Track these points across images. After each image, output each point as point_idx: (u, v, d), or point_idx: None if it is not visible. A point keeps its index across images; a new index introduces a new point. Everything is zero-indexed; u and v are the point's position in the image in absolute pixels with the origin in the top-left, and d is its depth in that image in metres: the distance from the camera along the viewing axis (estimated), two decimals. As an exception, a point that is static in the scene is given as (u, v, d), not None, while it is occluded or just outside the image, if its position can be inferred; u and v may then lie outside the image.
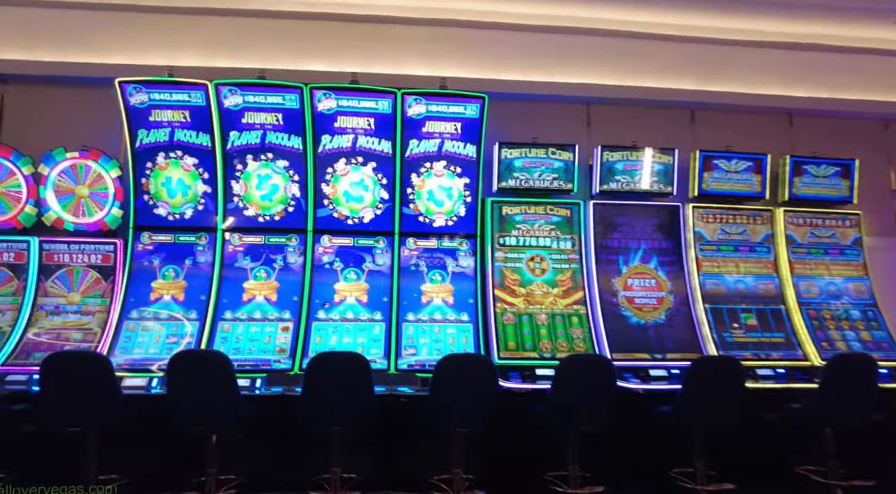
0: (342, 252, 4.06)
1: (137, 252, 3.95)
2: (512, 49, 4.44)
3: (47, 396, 2.99)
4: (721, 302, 4.20)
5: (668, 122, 4.68)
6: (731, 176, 4.43)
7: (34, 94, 4.33)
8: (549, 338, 3.89)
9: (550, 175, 4.23)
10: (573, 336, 3.93)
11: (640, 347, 3.95)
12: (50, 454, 3.28)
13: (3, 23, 4.22)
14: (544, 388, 3.46)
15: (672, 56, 4.51)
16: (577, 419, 3.19)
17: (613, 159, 4.33)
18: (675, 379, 3.71)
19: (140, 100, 3.90)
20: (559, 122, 4.56)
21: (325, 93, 3.95)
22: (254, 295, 3.89)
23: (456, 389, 3.04)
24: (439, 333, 3.89)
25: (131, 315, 3.77)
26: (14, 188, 4.01)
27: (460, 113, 4.06)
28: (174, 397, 3.03)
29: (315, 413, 3.08)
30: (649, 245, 4.29)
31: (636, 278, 4.20)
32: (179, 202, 4.03)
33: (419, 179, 4.13)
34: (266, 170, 4.04)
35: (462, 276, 4.10)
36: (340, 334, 3.81)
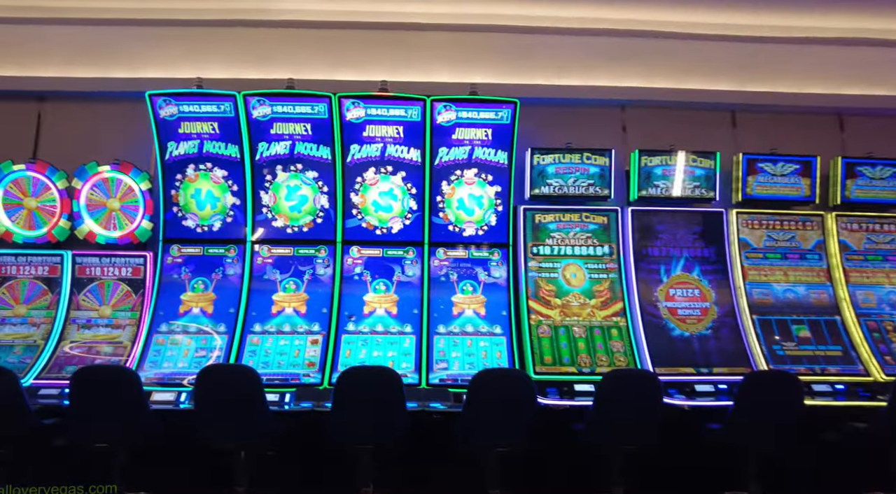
0: (371, 263, 3.97)
1: (167, 264, 3.93)
2: (543, 53, 4.32)
3: (76, 411, 2.96)
4: (769, 313, 3.96)
5: (707, 125, 4.49)
6: (778, 179, 4.20)
7: (69, 111, 4.39)
8: (587, 352, 3.71)
9: (586, 181, 4.08)
10: (613, 349, 3.74)
11: (685, 361, 3.74)
12: (79, 468, 3.25)
13: (41, 42, 4.30)
14: (584, 405, 3.29)
15: (711, 56, 4.32)
16: (621, 437, 3.00)
17: (652, 164, 4.15)
18: (723, 394, 3.49)
19: (170, 113, 3.91)
20: (593, 127, 4.41)
21: (354, 102, 3.90)
22: (283, 308, 3.82)
23: (492, 406, 2.90)
24: (471, 346, 3.75)
25: (161, 328, 3.74)
26: (49, 202, 4.05)
27: (491, 119, 3.95)
28: (202, 412, 2.96)
29: (345, 429, 2.97)
30: (691, 253, 4.08)
31: (678, 288, 3.99)
32: (208, 214, 4.01)
33: (449, 187, 4.02)
34: (295, 180, 4.00)
35: (494, 287, 3.96)
36: (370, 347, 3.71)
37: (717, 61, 4.33)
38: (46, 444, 3.23)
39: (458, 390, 3.40)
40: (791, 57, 4.35)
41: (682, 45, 4.27)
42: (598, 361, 3.68)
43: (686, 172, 4.16)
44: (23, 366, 3.62)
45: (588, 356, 3.70)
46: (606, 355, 3.71)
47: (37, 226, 4.04)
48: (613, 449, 3.07)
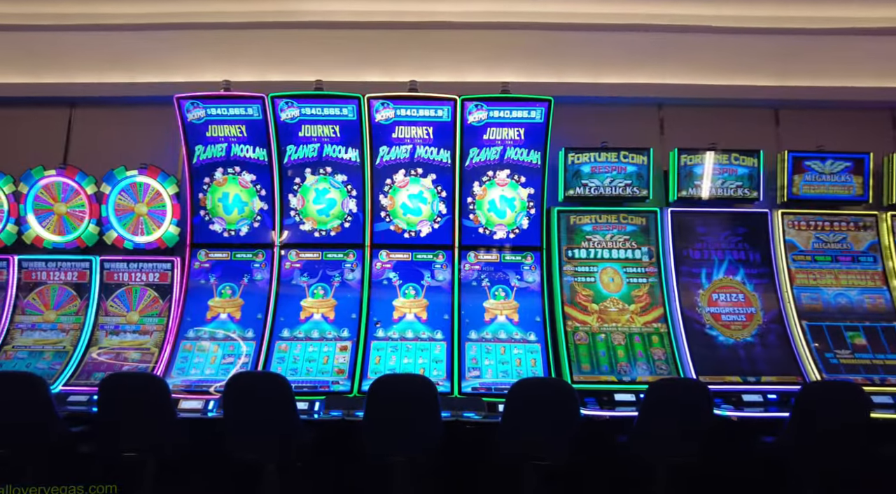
0: (400, 267, 3.87)
1: (194, 270, 3.89)
2: (577, 51, 4.18)
3: (103, 419, 2.90)
4: (820, 319, 3.74)
5: (749, 122, 4.30)
6: (826, 178, 3.99)
7: (99, 116, 4.40)
8: (626, 360, 3.55)
9: (623, 181, 3.92)
10: (654, 356, 3.57)
11: (730, 369, 3.55)
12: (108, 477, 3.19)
13: (72, 48, 4.31)
14: (626, 415, 3.14)
15: (753, 50, 4.12)
16: (669, 450, 2.83)
17: (692, 163, 3.98)
18: (773, 405, 3.30)
19: (197, 116, 3.87)
20: (629, 126, 4.25)
21: (383, 103, 3.81)
22: (311, 314, 3.74)
23: (532, 417, 2.76)
24: (505, 354, 3.62)
25: (188, 334, 3.69)
26: (78, 208, 4.04)
27: (523, 118, 3.82)
28: (230, 422, 2.87)
29: (378, 440, 2.85)
30: (734, 256, 3.89)
31: (722, 292, 3.80)
32: (235, 218, 3.95)
33: (480, 189, 3.90)
34: (324, 184, 3.92)
35: (527, 292, 3.82)
36: (400, 354, 3.59)
37: (760, 55, 4.13)
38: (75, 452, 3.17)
39: (492, 399, 3.27)
40: (839, 49, 4.12)
41: (722, 39, 4.08)
42: (638, 369, 3.51)
43: (728, 171, 3.97)
44: (52, 372, 3.59)
45: (628, 364, 3.53)
46: (647, 363, 3.54)
47: (66, 231, 4.03)
48: (659, 462, 2.90)
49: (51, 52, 4.31)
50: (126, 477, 2.99)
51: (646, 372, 3.50)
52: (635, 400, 3.28)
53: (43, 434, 2.95)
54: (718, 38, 4.15)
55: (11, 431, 2.95)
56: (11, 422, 2.93)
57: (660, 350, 3.60)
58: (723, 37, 4.14)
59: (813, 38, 4.11)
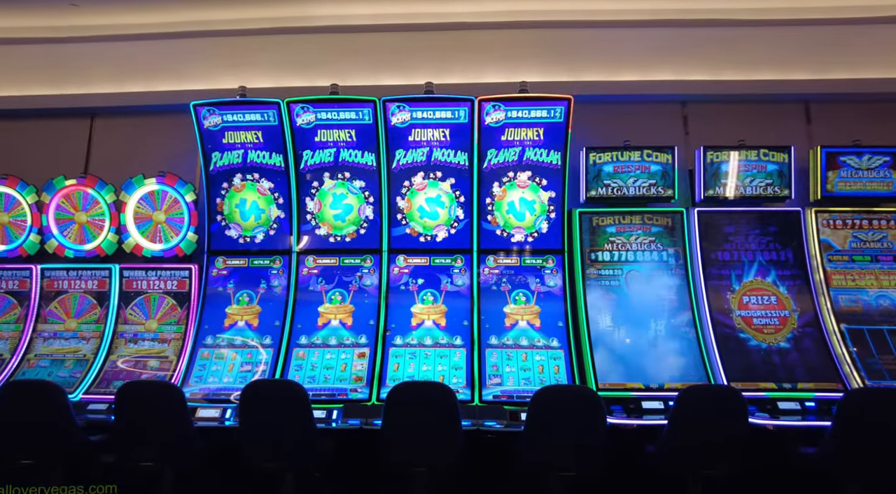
0: (418, 272, 3.80)
1: (212, 277, 3.87)
2: (595, 48, 4.08)
3: (120, 427, 2.87)
4: (860, 322, 3.56)
5: (778, 118, 4.15)
6: (863, 174, 3.80)
7: (118, 125, 4.45)
8: (654, 365, 3.41)
9: (647, 181, 3.79)
10: (683, 362, 3.43)
11: (764, 375, 3.39)
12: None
13: (91, 59, 4.35)
14: (654, 424, 3.00)
15: (783, 43, 3.97)
16: (701, 461, 2.69)
17: (718, 160, 3.83)
18: (812, 413, 3.13)
19: (214, 123, 3.86)
20: (652, 124, 4.13)
21: (399, 106, 3.75)
22: (329, 320, 3.68)
23: (555, 426, 2.65)
24: (526, 360, 3.51)
25: (206, 342, 3.66)
26: (98, 216, 4.06)
27: (542, 118, 3.73)
28: (246, 430, 2.82)
29: (396, 449, 2.77)
30: (766, 257, 3.73)
31: (753, 295, 3.64)
32: (252, 225, 3.93)
33: (500, 190, 3.81)
34: (342, 189, 3.88)
35: (549, 296, 3.71)
36: (419, 361, 3.51)
37: (790, 48, 3.98)
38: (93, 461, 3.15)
39: (513, 407, 3.17)
40: (874, 39, 3.94)
41: (750, 32, 3.94)
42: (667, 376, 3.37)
43: (757, 169, 3.82)
44: (73, 381, 3.60)
45: (655, 370, 3.39)
46: (678, 370, 3.39)
47: (87, 240, 4.06)
48: (690, 473, 2.76)
49: (72, 63, 4.37)
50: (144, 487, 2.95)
51: (675, 378, 3.36)
52: (664, 407, 3.15)
53: (62, 442, 2.94)
54: (748, 32, 4.01)
55: (31, 440, 2.94)
56: (31, 431, 2.93)
57: (688, 355, 3.45)
58: (753, 29, 4.00)
59: (848, 28, 3.93)
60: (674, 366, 3.42)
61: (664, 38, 4.00)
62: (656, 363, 3.43)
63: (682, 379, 3.34)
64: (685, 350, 3.48)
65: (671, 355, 3.46)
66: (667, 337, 3.52)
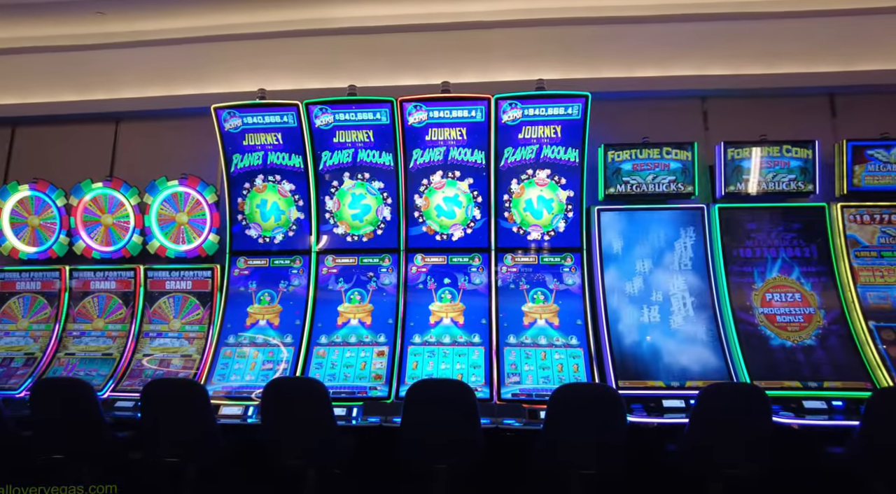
0: (436, 271, 3.81)
1: (234, 277, 3.93)
2: (613, 44, 4.05)
3: (146, 424, 2.94)
4: (890, 320, 3.47)
5: (801, 112, 4.07)
6: (892, 168, 3.71)
7: (141, 129, 4.55)
8: (675, 363, 3.37)
9: (666, 177, 3.75)
10: (704, 360, 3.39)
11: (788, 373, 3.33)
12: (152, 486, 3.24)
13: (116, 65, 4.46)
14: (675, 423, 2.97)
15: (807, 34, 3.89)
16: (723, 461, 2.65)
17: (739, 157, 3.77)
18: (839, 413, 3.07)
19: (234, 126, 3.93)
20: (671, 121, 4.09)
21: (416, 106, 3.77)
22: (348, 319, 3.72)
23: (575, 424, 2.63)
24: (545, 359, 3.50)
25: (228, 340, 3.73)
26: (123, 219, 4.16)
27: (560, 115, 3.72)
28: (268, 427, 2.86)
29: (416, 447, 2.79)
30: (789, 253, 3.66)
31: (776, 292, 3.58)
32: (272, 226, 3.99)
33: (518, 187, 3.81)
34: (361, 189, 3.91)
35: (567, 294, 3.70)
36: (437, 359, 3.53)
37: (815, 39, 3.89)
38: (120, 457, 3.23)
39: (532, 406, 3.17)
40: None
41: (772, 25, 3.87)
42: (687, 374, 3.33)
43: (779, 164, 3.75)
44: (101, 379, 3.69)
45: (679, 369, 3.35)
46: (698, 368, 3.35)
47: (113, 242, 4.16)
48: (712, 473, 2.72)
49: (98, 70, 4.48)
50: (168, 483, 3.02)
51: (697, 377, 3.32)
52: (685, 406, 3.12)
53: (92, 438, 3.02)
54: (770, 24, 3.94)
55: (63, 436, 3.03)
56: (63, 428, 3.01)
57: (710, 353, 3.40)
58: (775, 22, 3.93)
59: (875, 18, 3.83)
60: (695, 364, 3.37)
61: (683, 32, 3.96)
62: (677, 361, 3.39)
63: (704, 377, 3.30)
64: (707, 348, 3.43)
65: (693, 353, 3.42)
66: (688, 335, 3.48)
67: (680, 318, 3.53)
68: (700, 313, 3.54)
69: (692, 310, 3.55)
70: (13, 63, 4.53)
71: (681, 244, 3.70)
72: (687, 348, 3.44)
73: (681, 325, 3.51)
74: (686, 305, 3.56)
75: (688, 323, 3.51)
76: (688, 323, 3.51)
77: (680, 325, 3.51)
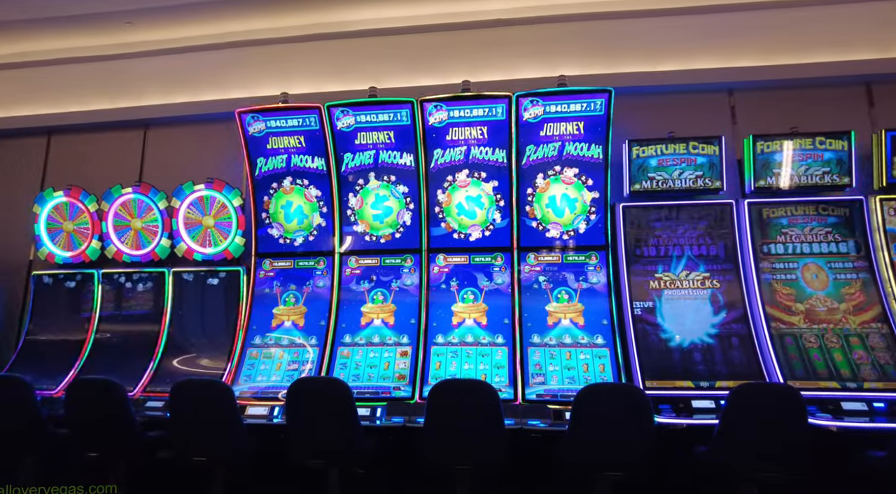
0: (458, 271, 3.79)
1: (259, 279, 3.98)
2: (635, 39, 3.98)
3: (173, 424, 2.99)
4: (934, 318, 3.31)
5: (835, 102, 3.91)
6: (934, 158, 3.55)
7: (168, 135, 4.64)
8: (705, 363, 3.28)
9: (693, 172, 3.66)
10: (733, 359, 3.29)
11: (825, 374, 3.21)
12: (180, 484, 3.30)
13: (143, 73, 4.57)
14: (705, 424, 2.89)
15: (838, 21, 3.75)
16: (756, 463, 2.56)
17: (769, 150, 3.66)
18: (881, 415, 2.95)
19: (258, 129, 3.98)
20: (697, 115, 3.99)
21: (436, 106, 3.76)
22: (371, 319, 3.73)
23: (601, 425, 2.58)
24: (570, 359, 3.44)
25: (254, 341, 3.77)
26: (152, 223, 4.25)
27: (582, 111, 3.66)
28: (292, 427, 2.88)
29: (439, 447, 2.77)
30: (825, 248, 3.53)
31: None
32: (294, 228, 4.02)
33: (544, 182, 3.76)
34: (385, 191, 3.92)
35: (592, 293, 3.63)
36: (460, 360, 3.51)
37: (849, 26, 3.75)
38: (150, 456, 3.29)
39: (557, 407, 3.12)
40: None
41: (803, 12, 3.75)
42: (716, 374, 3.24)
43: (812, 157, 3.62)
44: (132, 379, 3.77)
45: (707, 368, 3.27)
46: (726, 367, 3.26)
47: (142, 245, 4.25)
48: (744, 476, 2.63)
49: (126, 78, 4.60)
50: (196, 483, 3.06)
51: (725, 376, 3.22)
52: (715, 407, 3.03)
53: (124, 437, 3.08)
54: (797, 12, 3.82)
55: (96, 435, 3.11)
56: (96, 427, 3.09)
57: (739, 352, 3.30)
58: (803, 9, 3.81)
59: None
60: (726, 364, 3.28)
61: (708, 24, 3.86)
62: (707, 361, 3.30)
63: (735, 377, 3.20)
64: (737, 347, 3.33)
65: (723, 352, 3.32)
66: (718, 335, 3.38)
67: (710, 317, 3.43)
68: (730, 311, 3.44)
69: (722, 310, 3.45)
70: (48, 75, 4.69)
71: (709, 240, 3.61)
72: (717, 348, 3.34)
73: (710, 325, 3.41)
74: (718, 303, 3.46)
75: (717, 322, 3.42)
76: (718, 323, 3.41)
77: (709, 325, 3.41)
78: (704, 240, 3.62)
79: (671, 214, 3.68)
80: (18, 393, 3.14)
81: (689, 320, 3.44)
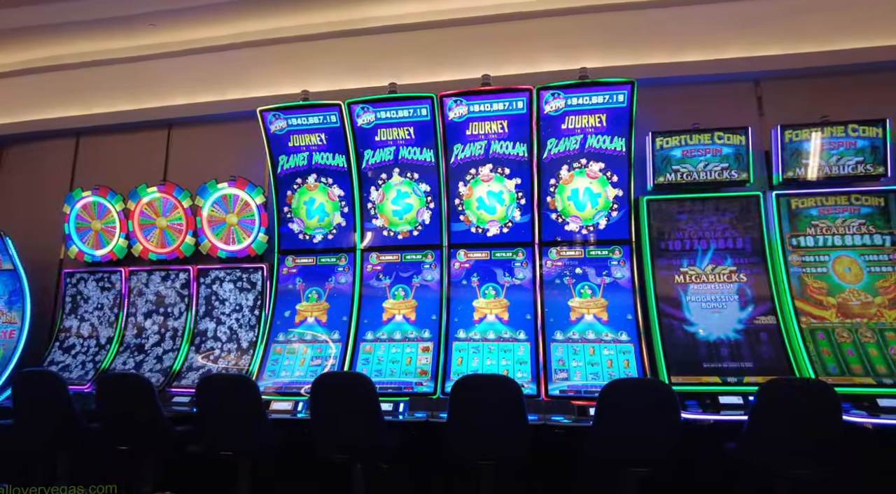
0: (479, 266, 3.78)
1: (282, 275, 4.01)
2: (659, 29, 3.91)
3: (201, 418, 3.03)
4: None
5: (867, 89, 3.79)
6: (974, 146, 3.42)
7: (192, 134, 4.71)
8: (732, 359, 3.22)
9: (719, 164, 3.59)
10: (761, 354, 3.22)
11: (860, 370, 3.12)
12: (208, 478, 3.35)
13: (169, 74, 4.64)
14: (732, 420, 2.84)
15: (870, 4, 3.63)
16: (788, 461, 2.50)
17: (798, 139, 3.57)
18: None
19: (279, 127, 4.01)
20: (722, 106, 3.91)
21: (456, 100, 3.75)
22: (393, 315, 3.73)
23: (626, 421, 2.54)
24: (594, 355, 3.40)
25: (278, 337, 3.81)
26: (177, 221, 4.32)
27: (604, 103, 3.61)
28: (316, 422, 2.90)
29: (462, 442, 2.76)
30: (858, 240, 3.44)
31: (843, 283, 3.36)
32: (314, 225, 4.05)
33: (568, 174, 3.71)
34: (407, 188, 3.92)
35: (616, 288, 3.59)
36: (482, 355, 3.49)
37: (882, 9, 3.63)
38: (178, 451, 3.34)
39: (581, 402, 3.09)
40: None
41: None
42: (743, 370, 3.17)
43: (844, 145, 3.52)
44: (158, 374, 3.85)
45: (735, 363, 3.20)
46: (753, 362, 3.19)
47: (167, 243, 4.32)
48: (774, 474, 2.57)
49: (151, 78, 4.67)
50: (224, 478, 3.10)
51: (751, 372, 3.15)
52: (743, 403, 2.97)
53: (153, 431, 3.14)
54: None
55: (125, 429, 3.17)
56: (125, 421, 3.15)
57: (767, 346, 3.23)
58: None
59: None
60: (754, 359, 3.21)
61: (733, 13, 3.77)
62: (734, 356, 3.24)
63: (763, 372, 3.13)
64: (766, 342, 3.26)
65: (750, 348, 3.25)
66: (745, 330, 3.31)
67: (737, 312, 3.36)
68: (758, 306, 3.36)
69: (745, 304, 3.37)
70: (76, 77, 4.79)
71: (735, 233, 3.53)
72: (745, 343, 3.27)
73: (738, 319, 3.34)
74: (746, 298, 3.39)
75: (745, 316, 3.34)
76: (745, 317, 3.34)
77: (737, 319, 3.34)
78: (731, 232, 3.54)
79: (696, 207, 3.61)
80: (53, 387, 3.22)
81: (716, 315, 3.38)
